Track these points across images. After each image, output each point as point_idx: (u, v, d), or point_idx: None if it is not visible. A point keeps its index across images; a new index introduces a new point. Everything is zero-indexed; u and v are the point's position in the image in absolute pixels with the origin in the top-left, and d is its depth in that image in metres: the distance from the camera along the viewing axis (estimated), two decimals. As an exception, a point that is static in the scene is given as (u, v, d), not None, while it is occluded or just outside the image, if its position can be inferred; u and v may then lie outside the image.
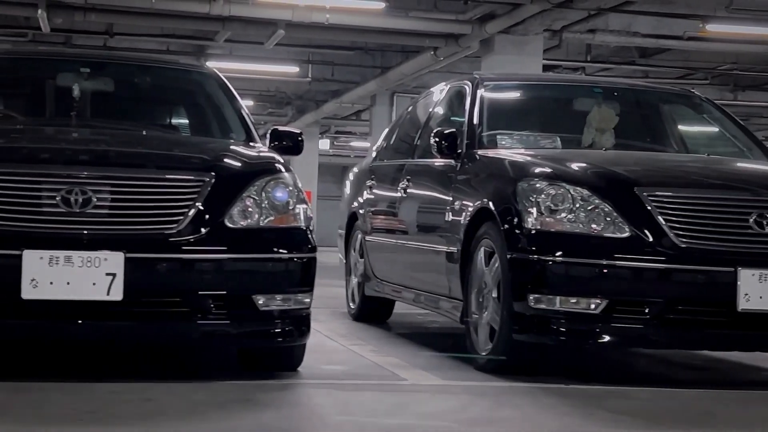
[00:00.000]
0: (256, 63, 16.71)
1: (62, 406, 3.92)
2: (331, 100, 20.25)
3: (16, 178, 4.31)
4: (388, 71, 16.37)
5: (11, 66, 6.27)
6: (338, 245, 8.17)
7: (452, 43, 13.40)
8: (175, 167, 4.66)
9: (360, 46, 16.13)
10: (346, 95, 19.06)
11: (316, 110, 21.63)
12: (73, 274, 4.21)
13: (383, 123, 18.44)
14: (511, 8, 11.87)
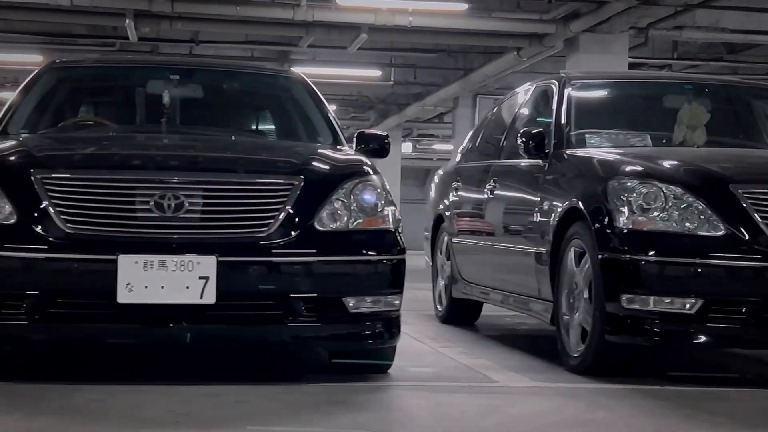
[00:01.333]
0: (338, 67, 16.80)
1: (159, 408, 3.98)
2: (413, 103, 20.26)
3: (110, 184, 4.39)
4: (470, 73, 16.32)
5: (102, 74, 6.40)
6: (424, 248, 8.17)
7: (536, 43, 13.31)
8: (265, 171, 4.70)
9: (442, 49, 16.10)
10: (429, 98, 19.04)
11: (399, 113, 21.66)
12: (167, 278, 4.27)
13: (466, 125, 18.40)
14: (596, 6, 11.75)
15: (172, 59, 10.74)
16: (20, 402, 4.00)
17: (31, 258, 4.29)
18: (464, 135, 10.14)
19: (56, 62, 6.10)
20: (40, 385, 4.35)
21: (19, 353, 5.26)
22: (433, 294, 7.83)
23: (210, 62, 7.88)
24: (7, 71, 18.87)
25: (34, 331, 4.34)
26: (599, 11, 11.72)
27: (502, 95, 10.47)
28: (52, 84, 5.87)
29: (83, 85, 6.26)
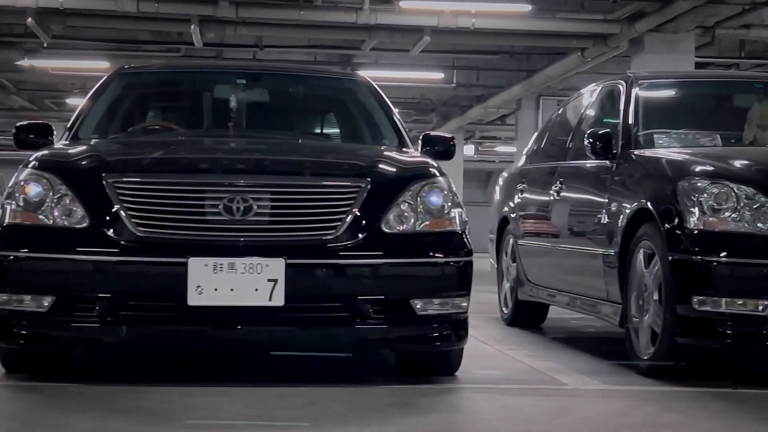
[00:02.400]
0: (401, 70, 16.82)
1: (230, 409, 4.01)
2: (475, 105, 20.21)
3: (180, 188, 4.43)
4: (533, 74, 16.24)
5: (170, 79, 6.47)
6: (489, 250, 8.14)
7: (600, 43, 13.20)
8: (332, 174, 4.73)
9: (505, 50, 16.05)
10: (491, 100, 18.98)
11: (461, 116, 21.63)
12: (236, 280, 4.30)
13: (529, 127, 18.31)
14: (661, 6, 11.63)
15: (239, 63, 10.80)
16: (94, 403, 4.06)
17: (103, 261, 4.35)
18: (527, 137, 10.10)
19: (125, 68, 6.18)
20: (113, 386, 4.41)
21: (91, 355, 5.33)
22: (499, 296, 7.80)
23: (276, 66, 7.92)
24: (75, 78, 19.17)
25: (105, 334, 4.40)
26: (665, 11, 11.59)
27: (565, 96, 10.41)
28: (121, 89, 5.95)
29: (151, 90, 6.34)
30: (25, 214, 4.47)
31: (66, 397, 4.20)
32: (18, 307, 4.38)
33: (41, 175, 4.52)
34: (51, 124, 5.41)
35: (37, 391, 4.33)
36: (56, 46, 15.37)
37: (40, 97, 22.51)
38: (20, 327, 4.41)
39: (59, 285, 4.37)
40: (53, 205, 4.44)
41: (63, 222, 4.42)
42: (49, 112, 22.57)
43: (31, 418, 3.81)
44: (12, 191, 4.54)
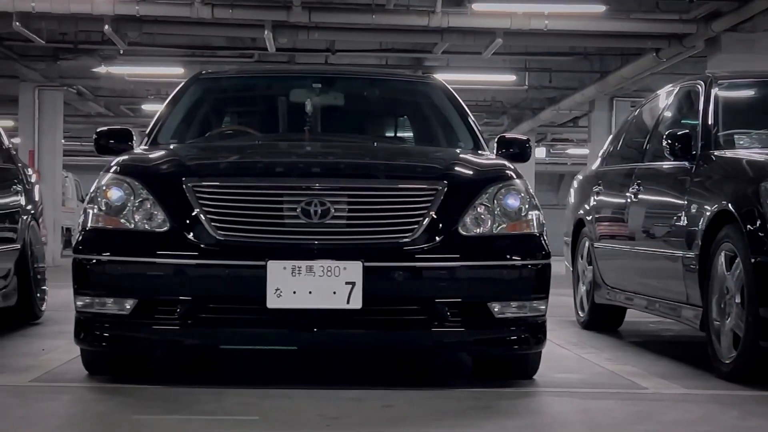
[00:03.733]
0: (472, 73, 16.76)
1: (309, 411, 4.03)
2: (547, 107, 20.06)
3: (259, 192, 4.47)
4: (607, 75, 16.08)
5: (246, 84, 6.53)
6: (564, 253, 8.07)
7: (675, 43, 13.03)
8: (409, 176, 4.73)
9: (578, 51, 15.92)
10: (564, 102, 18.83)
11: (533, 118, 21.48)
12: (314, 283, 4.32)
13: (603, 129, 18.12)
14: (738, 5, 11.44)
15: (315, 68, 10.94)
16: (175, 405, 4.11)
17: (184, 264, 4.40)
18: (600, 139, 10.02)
19: (202, 74, 6.25)
20: (193, 388, 4.46)
21: (172, 357, 5.40)
22: (574, 299, 7.74)
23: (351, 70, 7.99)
24: (150, 84, 19.43)
25: (186, 336, 4.45)
26: (741, 10, 11.40)
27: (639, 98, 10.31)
28: (198, 95, 6.01)
29: (228, 95, 6.40)
30: (107, 218, 4.53)
31: (148, 398, 4.25)
32: (100, 309, 4.45)
33: (122, 180, 4.59)
34: (130, 130, 5.49)
35: (119, 392, 4.40)
36: (132, 53, 15.61)
37: (115, 103, 22.86)
38: (102, 329, 4.47)
39: (141, 288, 4.43)
40: (134, 209, 4.50)
41: (144, 226, 4.48)
42: (124, 118, 22.91)
43: (115, 420, 3.87)
44: (94, 196, 4.61)
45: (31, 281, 7.06)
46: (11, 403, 4.12)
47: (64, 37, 15.10)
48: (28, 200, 7.22)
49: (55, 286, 7.68)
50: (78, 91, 19.53)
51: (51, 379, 4.73)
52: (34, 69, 16.70)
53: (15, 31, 12.89)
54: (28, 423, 3.76)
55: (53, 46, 15.40)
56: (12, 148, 7.58)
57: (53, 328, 6.79)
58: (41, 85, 17.63)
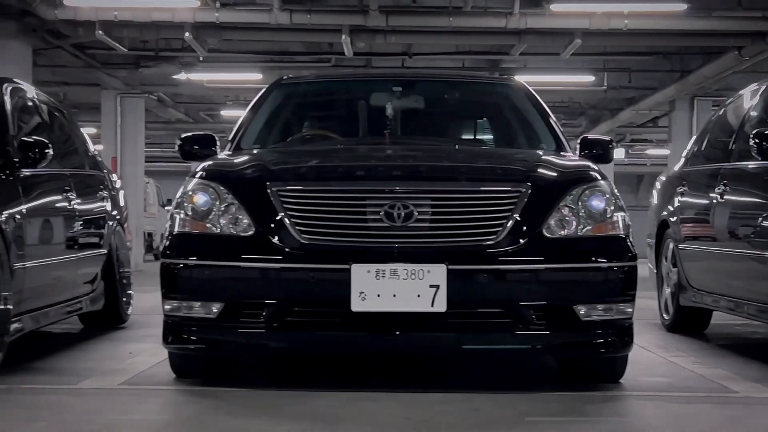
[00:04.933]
0: (550, 74, 16.65)
1: (395, 414, 4.03)
2: (626, 107, 19.84)
3: (342, 195, 4.48)
4: (688, 75, 15.86)
5: (327, 89, 6.57)
6: (647, 255, 7.97)
7: (758, 41, 12.80)
8: (492, 179, 4.70)
9: (658, 51, 15.72)
10: (643, 102, 18.61)
11: (611, 119, 21.27)
12: (398, 286, 4.32)
13: (683, 129, 17.88)
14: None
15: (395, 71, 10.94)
16: (262, 408, 4.14)
17: (269, 268, 4.43)
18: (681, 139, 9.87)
19: (283, 79, 6.29)
20: (280, 391, 4.49)
21: (258, 360, 5.44)
22: (659, 302, 7.63)
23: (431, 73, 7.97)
24: (229, 90, 19.67)
25: (272, 339, 4.48)
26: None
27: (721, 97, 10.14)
28: (280, 100, 6.06)
29: (309, 99, 6.44)
30: (194, 222, 4.59)
31: (236, 401, 4.29)
32: (188, 313, 4.50)
33: (208, 185, 4.64)
34: (214, 135, 5.55)
35: (207, 395, 4.44)
36: (211, 60, 15.81)
37: (195, 109, 23.17)
38: (190, 333, 4.52)
39: (227, 292, 4.47)
40: (220, 213, 4.55)
41: (230, 230, 4.52)
42: (203, 124, 23.20)
43: (204, 422, 3.91)
44: (180, 201, 4.67)
45: (117, 286, 7.18)
46: (103, 406, 4.19)
47: (145, 45, 15.35)
48: (113, 206, 7.34)
49: (138, 290, 7.80)
50: (159, 98, 19.84)
51: (140, 382, 4.80)
52: (116, 77, 16.99)
53: (98, 39, 13.13)
54: (121, 426, 3.82)
55: (135, 54, 15.65)
56: (97, 154, 7.72)
57: (139, 332, 6.89)
58: (123, 93, 17.94)
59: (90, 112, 19.91)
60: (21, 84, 6.34)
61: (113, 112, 18.09)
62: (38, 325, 5.73)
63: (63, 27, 12.92)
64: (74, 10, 12.16)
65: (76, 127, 7.35)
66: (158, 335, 4.60)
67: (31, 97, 6.36)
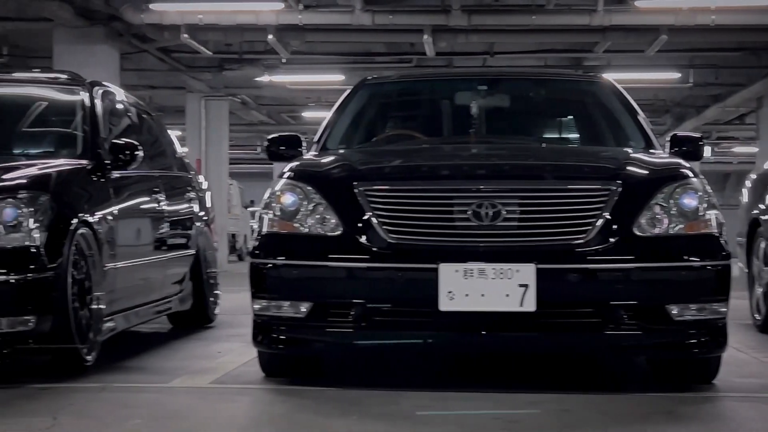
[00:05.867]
0: (634, 72, 16.45)
1: (486, 415, 4.00)
2: (712, 105, 19.51)
3: (430, 195, 4.47)
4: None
5: (411, 88, 6.55)
6: (737, 254, 7.80)
7: None
8: (581, 177, 4.65)
9: (746, 47, 15.41)
10: (730, 99, 18.28)
11: (696, 116, 20.94)
12: (486, 285, 4.29)
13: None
14: None
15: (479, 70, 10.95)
16: (351, 406, 4.14)
17: (357, 268, 4.43)
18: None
19: (368, 79, 6.29)
20: (368, 390, 4.49)
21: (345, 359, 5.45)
22: (750, 302, 7.47)
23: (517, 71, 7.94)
24: (310, 91, 19.80)
25: (360, 338, 4.48)
26: None
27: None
28: (365, 100, 6.06)
29: (393, 99, 6.42)
30: (282, 223, 4.61)
31: (325, 400, 4.31)
32: (277, 313, 4.53)
33: (296, 185, 4.66)
34: (300, 136, 5.58)
35: (297, 394, 4.46)
36: (294, 62, 15.92)
37: (277, 111, 23.38)
38: (279, 332, 4.55)
39: (315, 291, 4.49)
40: (308, 213, 4.56)
41: (317, 230, 4.54)
42: (285, 126, 23.40)
43: (293, 420, 3.93)
44: (269, 201, 4.70)
45: (205, 286, 7.26)
46: (195, 405, 4.24)
47: (229, 48, 15.52)
48: (200, 207, 7.43)
49: (223, 290, 7.88)
50: (242, 100, 20.06)
51: (230, 381, 4.84)
52: (201, 80, 17.23)
53: (183, 43, 13.32)
54: (214, 423, 3.85)
55: (219, 57, 15.85)
56: (184, 156, 7.82)
57: (226, 332, 6.96)
58: (207, 96, 18.18)
59: (175, 115, 20.21)
60: (110, 87, 6.45)
61: (198, 114, 18.35)
62: (129, 325, 5.82)
63: (149, 31, 13.14)
64: (160, 14, 12.36)
65: (164, 129, 7.45)
66: (245, 335, 4.64)
67: (120, 100, 6.47)
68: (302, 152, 5.41)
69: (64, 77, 6.16)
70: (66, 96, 6.02)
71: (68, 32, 12.18)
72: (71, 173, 5.30)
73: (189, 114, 18.58)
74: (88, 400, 4.27)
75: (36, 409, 4.06)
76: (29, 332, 4.59)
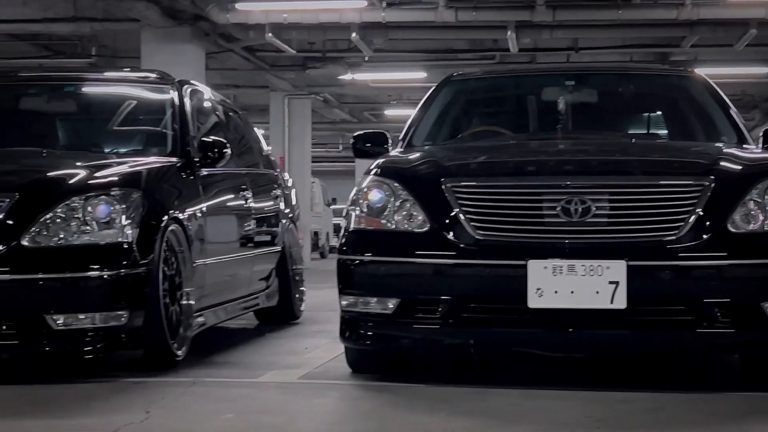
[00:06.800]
0: (721, 66, 16.12)
1: (575, 412, 3.96)
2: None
3: (517, 191, 4.45)
4: None
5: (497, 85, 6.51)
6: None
7: None
8: (672, 173, 4.59)
9: (840, 39, 15.01)
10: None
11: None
12: (576, 282, 4.25)
13: None
14: None
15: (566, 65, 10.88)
16: (439, 403, 4.13)
17: (444, 264, 4.42)
18: None
19: (453, 75, 6.27)
20: (455, 387, 4.48)
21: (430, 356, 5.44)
22: None
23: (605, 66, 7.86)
24: (392, 89, 19.82)
25: (447, 335, 4.48)
26: None
27: None
28: (450, 97, 6.04)
29: (479, 95, 6.40)
30: (369, 219, 4.62)
31: (412, 396, 4.30)
32: (364, 309, 4.54)
33: (383, 182, 4.66)
34: (386, 133, 5.58)
35: (384, 390, 4.47)
36: (376, 59, 15.94)
37: (359, 109, 23.45)
38: (366, 328, 4.56)
39: (403, 288, 4.49)
40: (395, 210, 4.57)
41: (404, 226, 4.53)
42: (367, 124, 23.45)
43: (382, 416, 3.93)
44: (356, 198, 4.71)
45: (291, 282, 7.31)
46: (285, 399, 4.27)
47: (312, 47, 15.60)
48: (286, 204, 7.48)
49: (307, 287, 7.92)
50: (324, 98, 20.16)
51: (318, 377, 4.87)
52: (284, 78, 17.34)
53: (267, 42, 13.42)
54: (304, 419, 3.87)
55: (302, 56, 15.93)
56: (270, 153, 7.89)
57: (312, 328, 7.00)
58: (290, 94, 18.31)
59: (258, 113, 20.39)
60: (198, 86, 6.53)
61: (281, 113, 18.49)
62: (218, 321, 5.89)
63: (234, 30, 13.27)
64: (245, 14, 12.47)
65: (250, 127, 7.53)
66: (331, 331, 4.65)
67: (208, 98, 6.55)
68: (388, 149, 5.41)
69: (153, 76, 6.25)
70: (155, 95, 6.11)
71: (155, 32, 12.36)
72: (161, 171, 5.37)
73: (272, 112, 18.73)
74: (180, 394, 4.33)
75: (130, 402, 4.13)
76: (122, 327, 4.66)
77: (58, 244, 4.62)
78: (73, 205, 4.69)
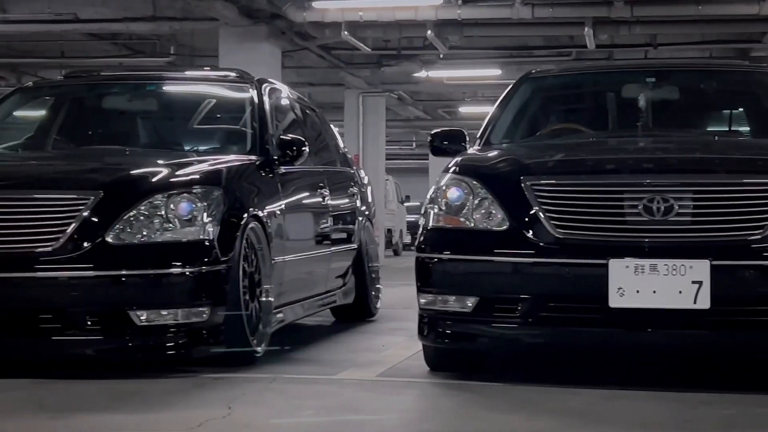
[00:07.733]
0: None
1: (658, 413, 3.91)
2: None
3: (598, 189, 4.41)
4: None
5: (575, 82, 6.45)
6: None
7: None
8: (756, 171, 4.51)
9: None
10: None
11: None
12: (658, 282, 4.20)
13: None
14: None
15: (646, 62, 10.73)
16: (520, 402, 4.12)
17: (524, 263, 4.40)
18: None
19: (531, 73, 6.23)
20: (535, 387, 4.45)
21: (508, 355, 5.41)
22: None
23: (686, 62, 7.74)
24: (466, 86, 19.77)
25: (526, 334, 4.45)
26: None
27: None
28: (528, 94, 6.00)
29: (557, 93, 6.36)
30: (448, 217, 4.61)
31: (492, 395, 4.29)
32: (443, 307, 4.53)
33: (461, 180, 4.65)
34: (464, 131, 5.57)
35: (463, 389, 4.46)
36: (451, 57, 15.91)
37: (433, 107, 23.44)
38: (445, 327, 4.55)
39: (481, 286, 4.47)
40: (473, 208, 4.55)
41: (483, 224, 4.52)
42: (441, 122, 23.44)
43: (461, 415, 3.92)
44: (434, 196, 4.71)
45: (367, 280, 7.34)
46: (365, 396, 4.28)
47: (387, 45, 15.63)
48: (362, 202, 7.51)
49: (382, 285, 7.93)
50: (398, 96, 20.18)
51: (396, 374, 4.88)
52: (359, 76, 17.40)
53: (343, 40, 13.48)
54: (383, 416, 3.89)
55: (377, 53, 15.97)
56: (347, 151, 7.92)
57: (388, 325, 7.01)
58: (365, 92, 18.37)
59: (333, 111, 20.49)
60: (277, 84, 6.58)
61: (356, 111, 18.56)
62: (296, 317, 5.93)
63: (310, 29, 13.35)
64: (322, 13, 12.54)
65: (327, 125, 7.56)
66: (407, 328, 4.65)
67: (286, 96, 6.59)
68: (466, 147, 5.39)
69: (232, 75, 6.32)
70: (235, 93, 6.17)
71: (232, 31, 12.48)
72: (241, 169, 5.43)
73: (347, 110, 18.82)
74: (260, 390, 4.37)
75: (211, 398, 4.18)
76: (203, 323, 4.71)
77: (141, 241, 4.69)
78: (155, 202, 4.76)
